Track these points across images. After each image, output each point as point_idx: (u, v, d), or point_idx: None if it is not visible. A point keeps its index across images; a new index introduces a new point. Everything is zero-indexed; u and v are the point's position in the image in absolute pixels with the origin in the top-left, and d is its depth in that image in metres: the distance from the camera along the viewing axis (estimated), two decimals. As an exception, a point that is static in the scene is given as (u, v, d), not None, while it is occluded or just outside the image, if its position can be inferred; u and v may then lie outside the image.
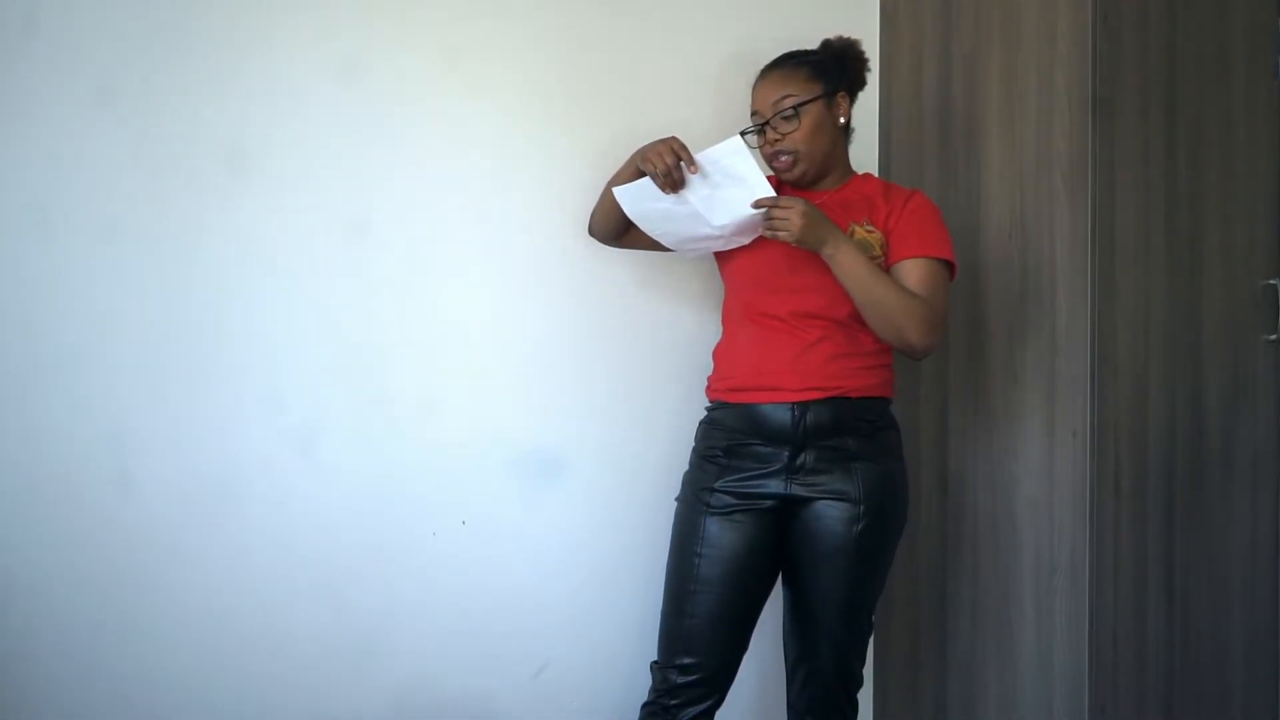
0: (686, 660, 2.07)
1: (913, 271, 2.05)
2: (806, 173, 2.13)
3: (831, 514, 2.03)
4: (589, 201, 2.29)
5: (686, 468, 2.18)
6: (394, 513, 2.27)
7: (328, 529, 2.23)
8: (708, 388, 2.18)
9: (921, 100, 2.50)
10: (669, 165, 1.99)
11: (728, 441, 2.09)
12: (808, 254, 2.03)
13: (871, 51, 2.57)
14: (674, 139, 2.01)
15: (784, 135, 2.10)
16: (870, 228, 2.09)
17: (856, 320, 2.05)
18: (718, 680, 2.09)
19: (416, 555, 2.29)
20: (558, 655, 2.38)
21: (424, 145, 2.29)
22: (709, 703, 2.09)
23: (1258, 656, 2.30)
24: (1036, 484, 2.22)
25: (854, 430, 2.05)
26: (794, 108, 2.09)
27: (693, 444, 2.19)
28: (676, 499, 2.16)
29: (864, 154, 2.58)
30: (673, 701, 2.08)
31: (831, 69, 2.15)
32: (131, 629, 2.14)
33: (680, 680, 2.07)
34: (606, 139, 2.34)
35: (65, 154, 2.10)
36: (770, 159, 2.14)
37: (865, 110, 2.59)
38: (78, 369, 2.11)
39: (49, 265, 2.10)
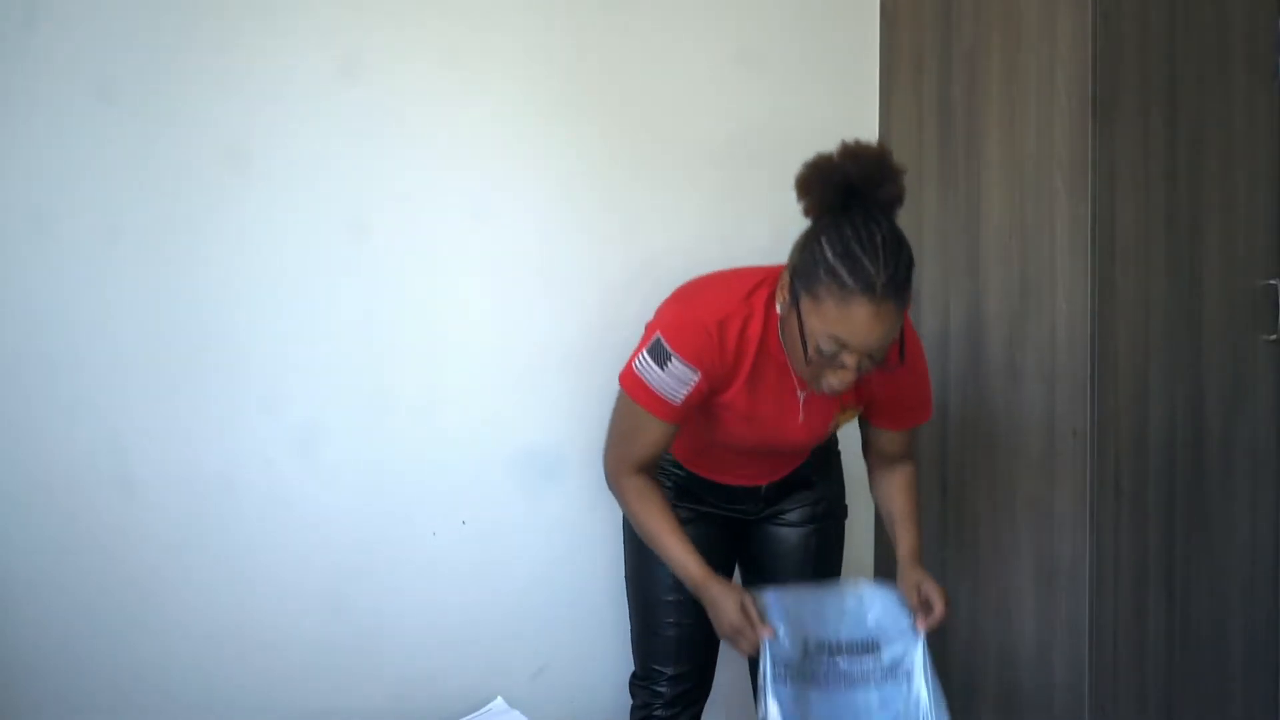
0: (671, 670, 2.06)
1: (902, 437, 1.99)
2: None
3: (787, 524, 2.08)
4: (588, 201, 2.29)
5: None
6: (394, 513, 2.28)
7: (328, 529, 2.24)
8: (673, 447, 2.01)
9: (921, 100, 2.50)
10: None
11: (691, 486, 2.06)
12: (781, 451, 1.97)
13: (871, 51, 2.59)
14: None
15: (862, 371, 1.70)
16: (850, 410, 1.93)
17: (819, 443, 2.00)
18: (703, 680, 2.09)
19: (416, 555, 2.29)
20: (557, 656, 2.38)
21: (424, 146, 2.28)
22: (698, 704, 2.09)
23: (1258, 656, 2.29)
24: (1036, 484, 2.22)
25: (809, 463, 2.07)
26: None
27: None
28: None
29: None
30: (664, 715, 2.07)
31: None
32: (132, 628, 2.14)
33: (669, 692, 2.06)
34: (606, 139, 2.34)
35: (66, 154, 2.10)
36: (822, 386, 1.74)
37: (865, 110, 2.60)
38: (79, 369, 2.11)
39: (49, 265, 2.10)
